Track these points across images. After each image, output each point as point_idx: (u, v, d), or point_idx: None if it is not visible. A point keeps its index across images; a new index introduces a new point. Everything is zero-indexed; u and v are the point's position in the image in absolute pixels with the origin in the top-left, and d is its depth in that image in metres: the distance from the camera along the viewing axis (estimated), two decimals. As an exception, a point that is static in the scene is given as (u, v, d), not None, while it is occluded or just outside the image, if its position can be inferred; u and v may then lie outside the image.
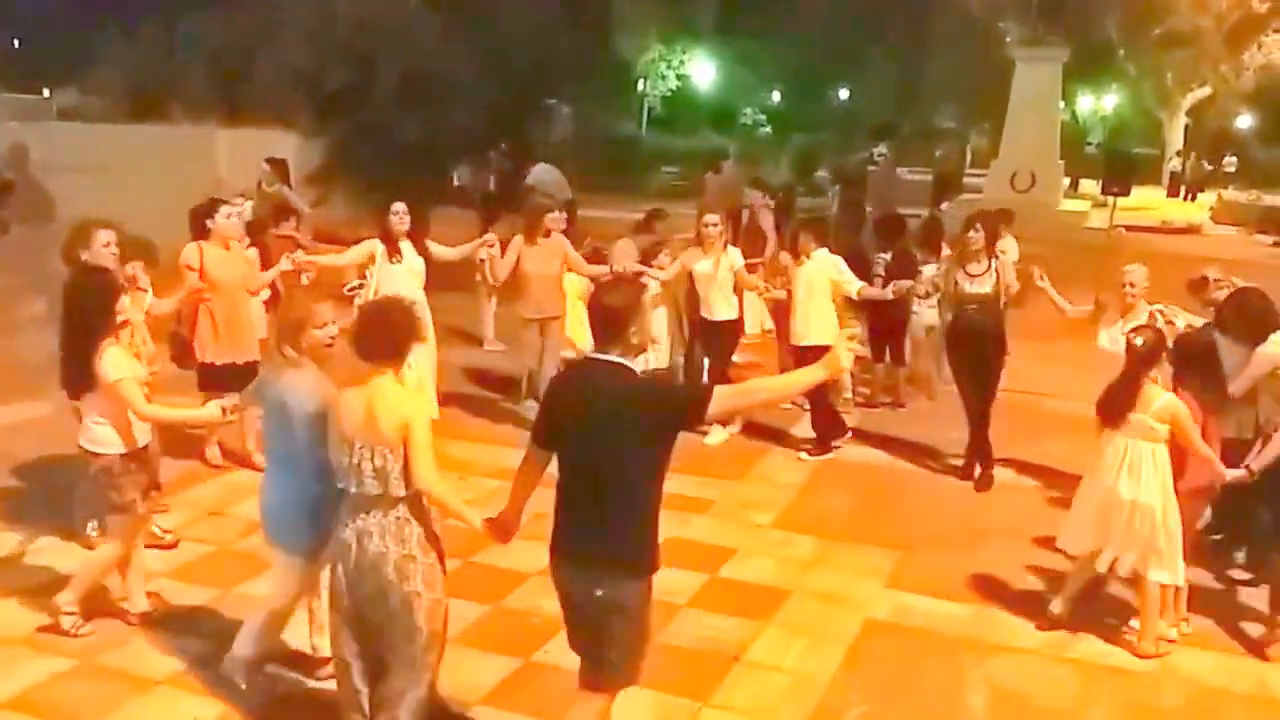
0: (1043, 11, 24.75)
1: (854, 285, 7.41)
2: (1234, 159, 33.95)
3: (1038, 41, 23.82)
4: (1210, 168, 34.12)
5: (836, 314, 7.44)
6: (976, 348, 6.91)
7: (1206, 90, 34.50)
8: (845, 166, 23.61)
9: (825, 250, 7.50)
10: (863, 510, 6.57)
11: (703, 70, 31.64)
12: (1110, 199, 22.06)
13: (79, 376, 4.57)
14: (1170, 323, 5.82)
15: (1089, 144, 37.40)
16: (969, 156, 36.41)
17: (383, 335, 3.65)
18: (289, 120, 12.59)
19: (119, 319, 4.57)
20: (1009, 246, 8.91)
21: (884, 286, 7.68)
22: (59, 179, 12.12)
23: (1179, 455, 4.88)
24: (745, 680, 4.62)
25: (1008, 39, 25.43)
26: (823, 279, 7.36)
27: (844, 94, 34.16)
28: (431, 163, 12.85)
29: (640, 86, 31.46)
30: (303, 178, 11.99)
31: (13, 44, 38.85)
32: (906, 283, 7.59)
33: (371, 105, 12.32)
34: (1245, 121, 38.07)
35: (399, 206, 7.48)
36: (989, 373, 6.92)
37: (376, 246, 7.43)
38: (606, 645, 3.43)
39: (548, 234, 7.89)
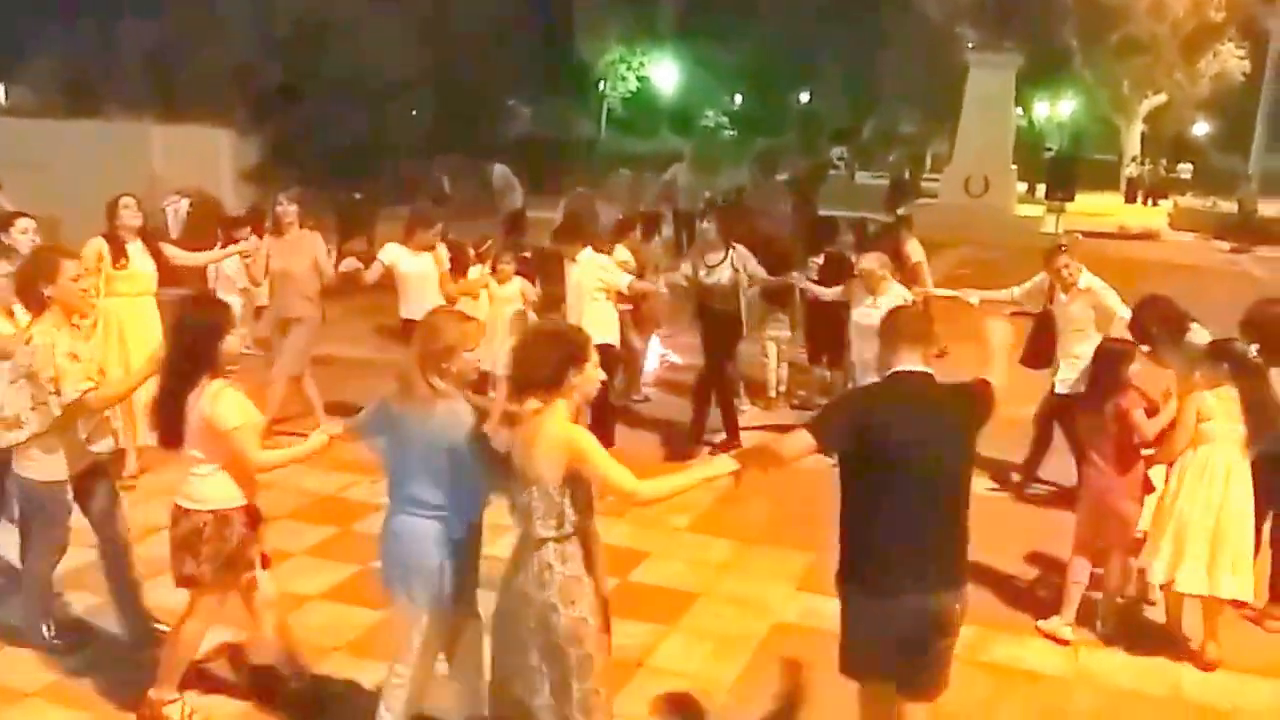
0: (998, 17, 24.96)
1: (623, 281, 7.28)
2: (1190, 165, 34.40)
3: (991, 47, 23.99)
4: (1163, 170, 34.57)
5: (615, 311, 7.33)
6: (718, 333, 7.44)
7: (1162, 97, 34.93)
8: (799, 170, 23.63)
9: (590, 250, 7.33)
10: (781, 513, 6.42)
11: (664, 72, 31.61)
12: (1057, 204, 22.46)
13: (178, 421, 3.87)
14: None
15: (1046, 150, 37.76)
16: (927, 161, 36.72)
17: (542, 362, 3.35)
18: (226, 117, 12.40)
19: (226, 355, 3.87)
20: (914, 250, 8.96)
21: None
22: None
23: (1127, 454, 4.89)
24: (648, 686, 4.53)
25: (965, 43, 25.58)
26: (591, 279, 7.20)
27: (805, 97, 34.26)
28: (376, 161, 12.68)
29: (600, 88, 31.42)
30: (238, 175, 11.85)
31: None
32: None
33: (313, 102, 12.18)
34: (1201, 128, 38.61)
35: (128, 200, 6.43)
36: (727, 355, 7.57)
37: (102, 246, 6.42)
38: (944, 655, 3.48)
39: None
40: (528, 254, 8.39)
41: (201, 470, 3.84)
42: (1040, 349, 6.91)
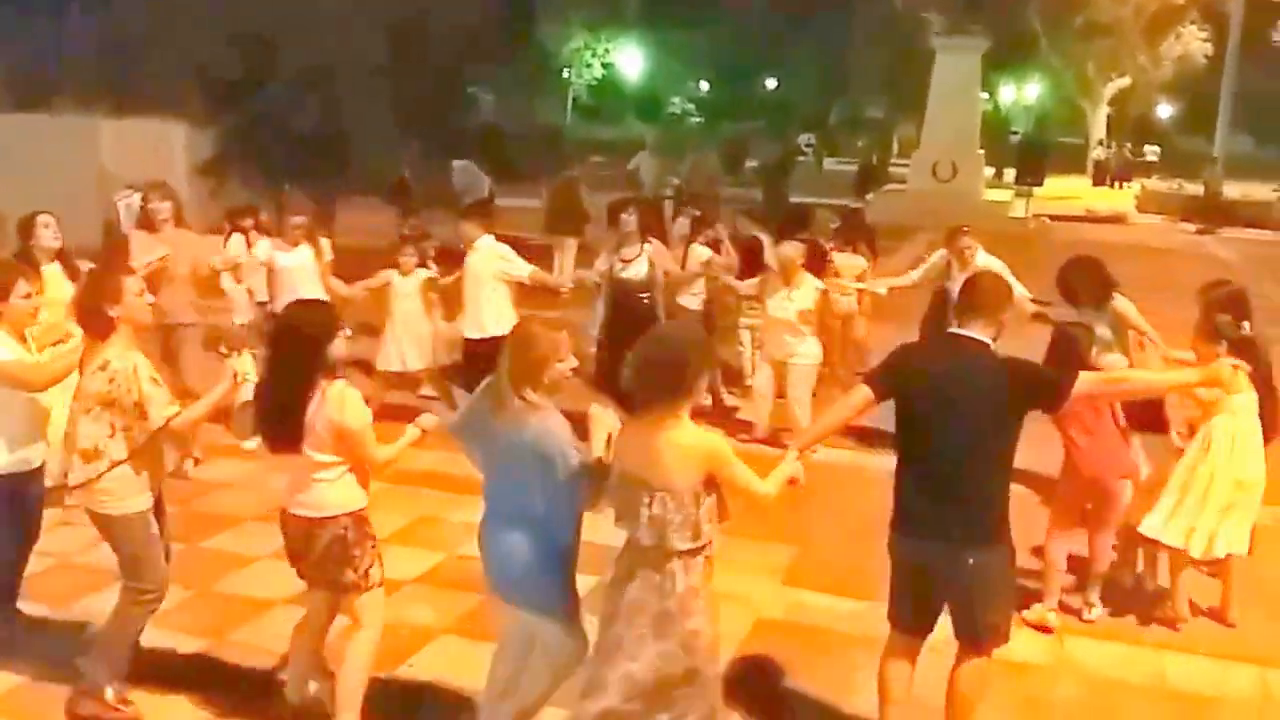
0: (964, 1, 24.94)
1: (524, 271, 7.08)
2: (1157, 148, 34.72)
3: (957, 31, 23.97)
4: (1130, 152, 34.87)
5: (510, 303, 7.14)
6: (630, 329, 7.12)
7: (1127, 80, 35.20)
8: (768, 158, 23.53)
9: (491, 238, 7.15)
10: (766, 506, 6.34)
11: (630, 59, 31.43)
12: (1026, 188, 22.55)
13: (293, 426, 3.69)
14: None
15: (1013, 133, 37.95)
16: (895, 146, 36.77)
17: (674, 369, 3.34)
18: (181, 110, 12.08)
19: (335, 357, 3.74)
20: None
21: None
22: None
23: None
24: None
25: (931, 28, 25.57)
26: (489, 268, 7.02)
27: (772, 83, 34.17)
28: (335, 152, 12.41)
29: (565, 75, 31.15)
30: (193, 168, 11.59)
31: None
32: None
33: (270, 93, 11.90)
34: (1165, 111, 38.97)
35: (47, 219, 5.89)
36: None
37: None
38: (982, 610, 3.60)
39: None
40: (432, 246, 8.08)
41: (328, 475, 3.72)
42: (937, 327, 7.06)
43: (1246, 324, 5.01)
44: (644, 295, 7.11)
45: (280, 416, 3.70)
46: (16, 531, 4.44)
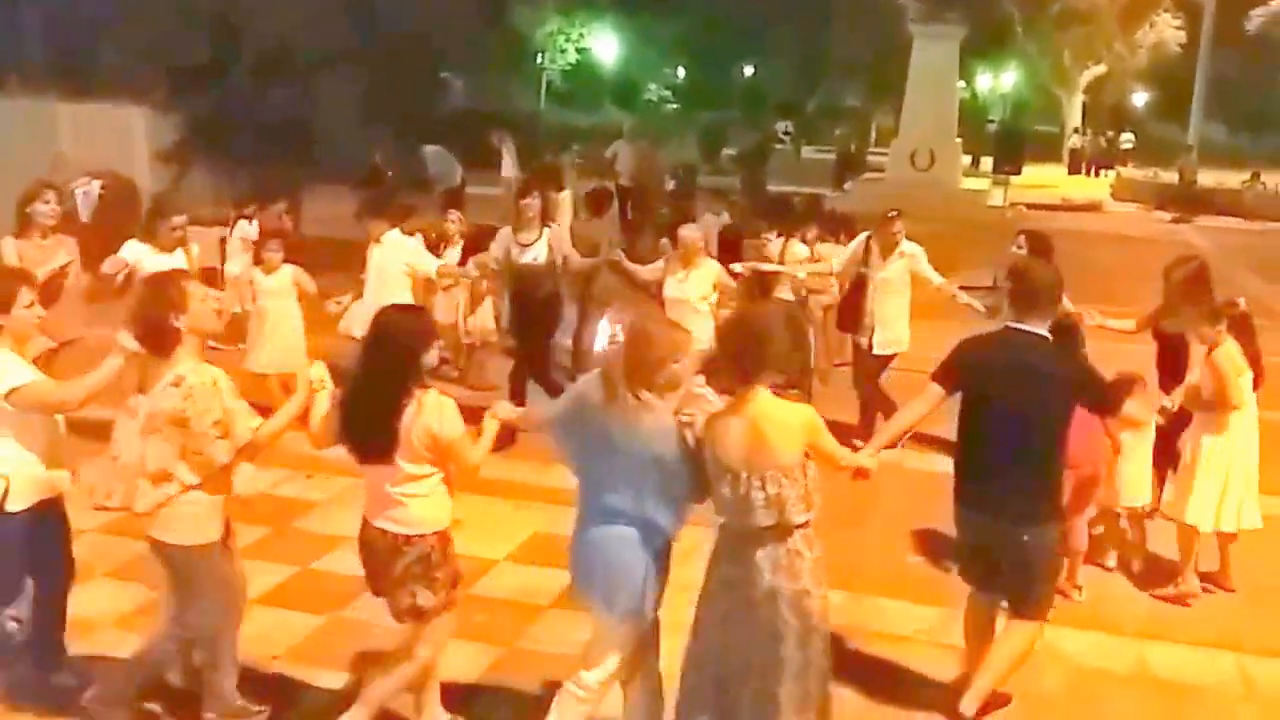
0: (942, -13, 24.86)
1: (430, 266, 7.06)
2: (1131, 136, 34.88)
3: (935, 18, 23.88)
4: (1106, 140, 35.03)
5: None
6: (532, 316, 7.15)
7: (1102, 68, 35.39)
8: (745, 145, 23.46)
9: (396, 232, 7.05)
10: None
11: (605, 44, 31.17)
12: (1004, 177, 22.58)
13: (388, 436, 3.53)
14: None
15: (990, 122, 38.05)
16: (873, 135, 36.75)
17: (756, 349, 3.44)
18: (142, 95, 11.80)
19: (429, 365, 3.62)
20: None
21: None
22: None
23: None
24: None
25: (908, 15, 25.50)
26: (395, 262, 6.90)
27: (749, 70, 34.04)
28: (301, 139, 12.18)
29: (539, 60, 30.87)
30: (155, 155, 11.34)
31: None
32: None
33: (234, 78, 11.66)
34: (1140, 98, 39.21)
35: (48, 193, 5.78)
36: (545, 338, 7.29)
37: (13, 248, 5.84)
38: (1036, 580, 4.00)
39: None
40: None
41: (420, 488, 3.60)
42: (855, 310, 7.27)
43: (1242, 300, 5.31)
44: (543, 280, 7.05)
45: (375, 426, 3.54)
46: (59, 566, 4.07)
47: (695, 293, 6.91)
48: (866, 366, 7.21)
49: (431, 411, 3.53)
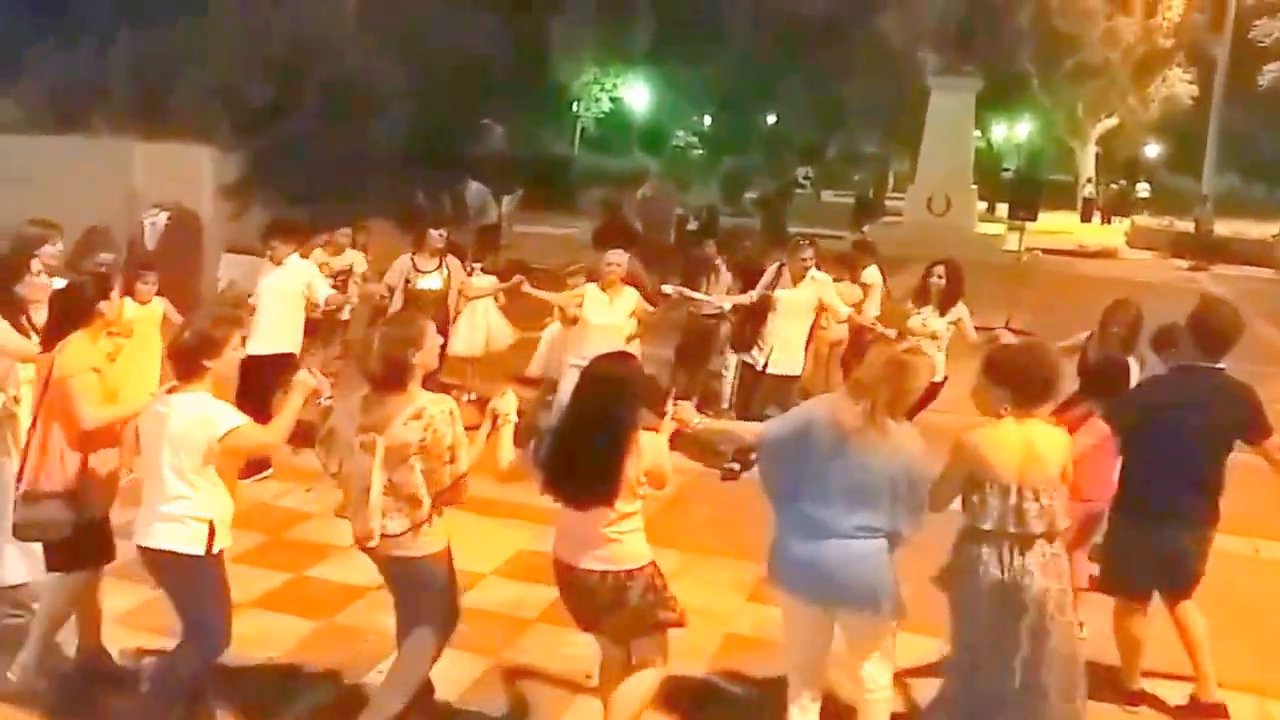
0: (958, 42, 25.69)
1: (322, 295, 7.16)
2: (1148, 185, 35.30)
3: (952, 71, 24.69)
4: (1121, 186, 35.45)
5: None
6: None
7: (1115, 120, 35.92)
8: (767, 189, 24.14)
9: (297, 256, 7.20)
10: (728, 522, 6.29)
11: (636, 93, 32.09)
12: (1019, 223, 23.09)
13: (610, 480, 3.63)
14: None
15: (1004, 170, 38.66)
16: (890, 180, 37.44)
17: (1048, 381, 3.87)
18: (209, 134, 12.61)
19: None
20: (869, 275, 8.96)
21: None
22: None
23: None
24: (598, 700, 4.14)
25: (926, 68, 26.31)
26: (295, 286, 7.02)
27: (772, 118, 34.82)
28: (352, 177, 12.94)
29: (574, 107, 31.85)
30: (219, 191, 12.07)
31: None
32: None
33: (294, 120, 12.42)
34: (1153, 150, 39.67)
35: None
36: None
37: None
38: (1195, 566, 4.54)
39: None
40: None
41: (631, 525, 3.74)
42: (752, 329, 7.65)
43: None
44: (438, 307, 7.39)
45: (602, 475, 3.62)
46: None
47: (619, 318, 7.13)
48: (762, 387, 7.49)
49: (653, 451, 3.72)
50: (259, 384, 6.22)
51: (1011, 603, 3.74)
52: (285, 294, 6.97)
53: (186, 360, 3.81)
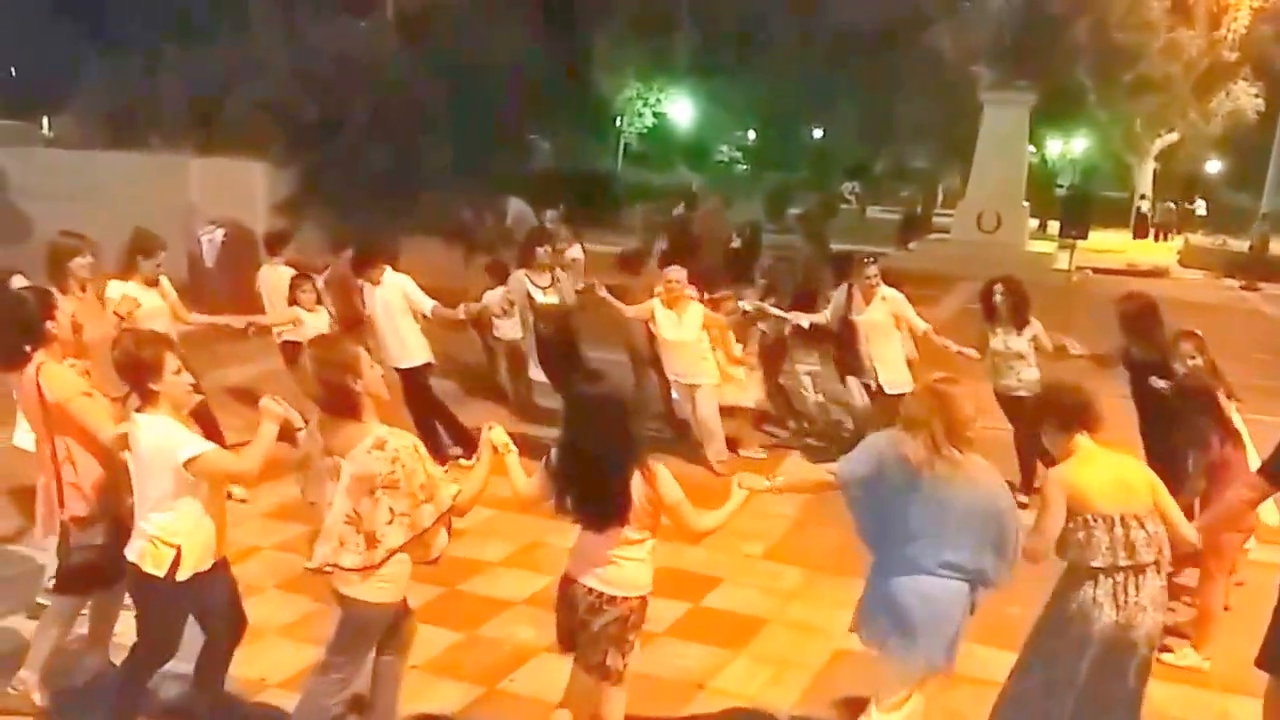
0: (1013, 56, 25.34)
1: (426, 305, 7.44)
2: (1203, 202, 34.57)
3: (1006, 86, 24.37)
4: (1174, 206, 34.75)
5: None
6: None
7: (1175, 135, 35.19)
8: (810, 205, 24.02)
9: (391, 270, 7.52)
10: (851, 541, 6.32)
11: (679, 108, 32.20)
12: (1070, 241, 22.73)
13: (619, 505, 3.63)
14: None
15: (1059, 186, 38.08)
16: (939, 196, 37.06)
17: (1073, 402, 3.93)
18: (261, 150, 12.86)
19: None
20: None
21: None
22: (38, 204, 12.32)
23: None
24: (707, 708, 4.69)
25: (979, 82, 25.97)
26: (399, 298, 7.38)
27: (817, 133, 34.70)
28: (401, 194, 13.13)
29: (618, 123, 32.04)
30: (272, 206, 12.30)
31: (10, 72, 39.97)
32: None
33: (342, 136, 12.63)
34: (1214, 166, 38.82)
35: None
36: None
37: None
38: None
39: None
40: None
41: (638, 552, 3.72)
42: (849, 353, 7.89)
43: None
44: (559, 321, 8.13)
45: (609, 496, 3.62)
46: (228, 621, 4.12)
47: (691, 333, 7.50)
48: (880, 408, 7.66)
49: (664, 479, 3.68)
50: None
51: (1121, 642, 3.72)
52: (392, 309, 7.36)
53: (131, 383, 3.75)
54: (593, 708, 3.88)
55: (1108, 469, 3.79)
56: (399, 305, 7.36)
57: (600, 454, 3.63)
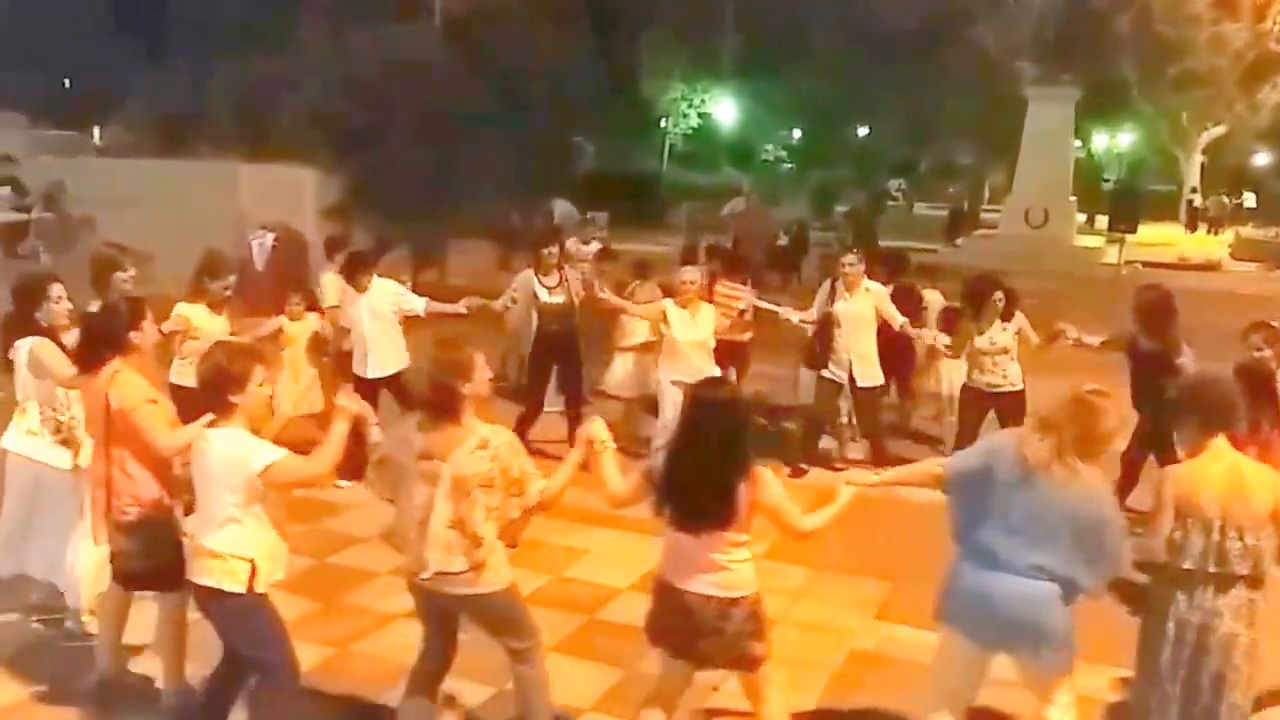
0: (1057, 51, 25.04)
1: (419, 304, 7.29)
2: (1253, 195, 33.96)
3: (1051, 80, 24.09)
4: (1229, 202, 34.15)
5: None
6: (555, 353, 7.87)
7: (1222, 128, 34.58)
8: (857, 202, 23.87)
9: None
10: (856, 540, 6.10)
11: (724, 108, 32.14)
12: (1119, 235, 22.39)
13: (728, 507, 3.62)
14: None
15: (1105, 180, 37.53)
16: (986, 192, 36.64)
17: (1220, 403, 3.82)
18: (309, 156, 12.98)
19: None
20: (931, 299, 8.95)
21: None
22: (91, 212, 12.56)
23: None
24: (724, 712, 4.48)
25: (1023, 78, 25.69)
26: (388, 306, 7.20)
27: (863, 130, 34.45)
28: (447, 198, 13.19)
29: (663, 124, 32.04)
30: (320, 212, 12.42)
31: (63, 84, 40.97)
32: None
33: (390, 142, 12.73)
34: (1263, 158, 38.08)
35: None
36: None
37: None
38: None
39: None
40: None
41: (742, 554, 3.72)
42: (826, 348, 7.68)
43: None
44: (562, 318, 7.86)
45: (717, 499, 3.60)
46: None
47: (704, 334, 7.31)
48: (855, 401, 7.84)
49: (770, 485, 3.66)
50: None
51: (1197, 646, 3.66)
52: (381, 316, 7.19)
53: (211, 396, 3.73)
54: (679, 697, 3.94)
55: (1227, 474, 3.69)
56: (388, 312, 7.22)
57: (717, 459, 3.59)
